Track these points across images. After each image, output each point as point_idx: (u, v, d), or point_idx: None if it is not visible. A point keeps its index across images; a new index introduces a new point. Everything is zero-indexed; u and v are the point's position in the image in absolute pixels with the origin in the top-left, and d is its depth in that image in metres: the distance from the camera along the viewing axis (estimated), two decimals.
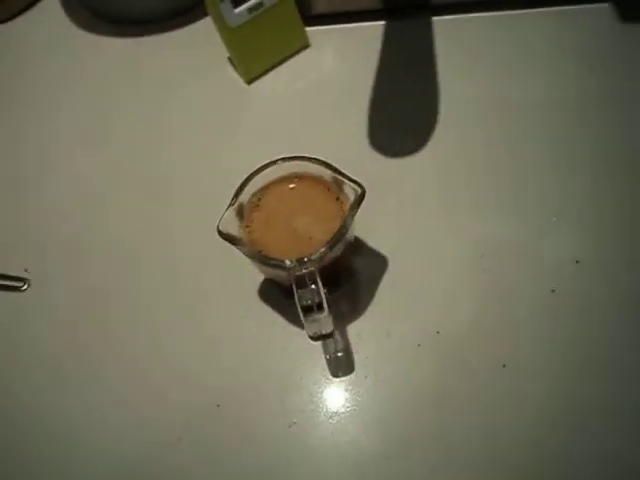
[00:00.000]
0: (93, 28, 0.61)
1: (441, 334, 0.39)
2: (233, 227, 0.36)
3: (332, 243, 0.34)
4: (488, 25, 0.52)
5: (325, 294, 0.34)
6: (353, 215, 0.35)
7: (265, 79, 0.53)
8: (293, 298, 0.34)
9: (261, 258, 0.35)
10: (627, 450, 0.34)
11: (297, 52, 0.54)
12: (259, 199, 0.38)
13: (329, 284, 0.36)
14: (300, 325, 0.40)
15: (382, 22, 0.54)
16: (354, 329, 0.40)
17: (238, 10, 0.49)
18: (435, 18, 0.53)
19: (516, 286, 0.40)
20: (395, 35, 0.53)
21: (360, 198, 0.35)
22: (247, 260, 0.36)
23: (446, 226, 0.43)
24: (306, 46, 0.54)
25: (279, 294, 0.41)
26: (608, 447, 0.34)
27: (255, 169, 0.37)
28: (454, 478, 0.35)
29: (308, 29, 0.54)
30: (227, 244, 0.35)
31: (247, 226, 0.38)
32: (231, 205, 0.36)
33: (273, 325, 0.41)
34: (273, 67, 0.53)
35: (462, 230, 0.42)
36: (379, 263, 0.42)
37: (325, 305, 0.34)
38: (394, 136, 0.48)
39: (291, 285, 0.34)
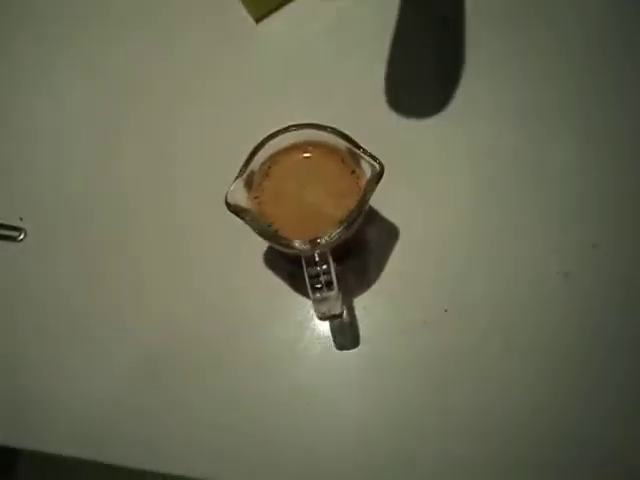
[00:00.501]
0: None
1: (448, 312, 0.38)
2: (241, 198, 0.34)
3: (346, 225, 0.33)
4: None
5: (336, 272, 0.33)
6: (370, 194, 0.33)
7: (275, 17, 0.48)
8: (299, 266, 0.33)
9: (270, 235, 0.33)
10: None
11: None
12: (269, 167, 0.36)
13: (338, 257, 0.35)
14: (305, 294, 0.39)
15: None
16: (361, 302, 0.40)
17: None
18: None
19: (529, 266, 0.39)
20: None
21: (378, 176, 0.33)
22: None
23: (464, 199, 0.41)
24: None
25: (285, 262, 0.40)
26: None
27: (265, 136, 0.35)
28: (455, 448, 0.36)
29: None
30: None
31: (256, 197, 0.36)
32: (239, 176, 0.34)
33: (277, 293, 0.40)
34: (285, 2, 0.48)
35: (480, 204, 0.41)
36: (390, 233, 0.41)
37: (335, 285, 0.33)
38: (415, 94, 0.44)
39: (298, 257, 0.33)
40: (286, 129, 0.35)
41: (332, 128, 0.34)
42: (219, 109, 0.45)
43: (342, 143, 0.34)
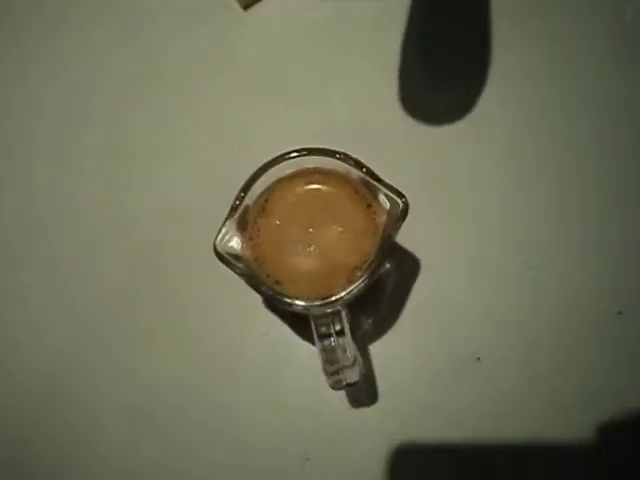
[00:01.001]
0: None
1: (482, 361, 0.33)
2: (234, 243, 0.28)
3: (366, 277, 0.27)
4: None
5: (349, 323, 0.28)
6: (393, 236, 0.27)
7: (266, 3, 0.41)
8: (307, 322, 0.27)
9: (270, 293, 0.27)
10: None
11: None
12: (266, 200, 0.30)
13: (351, 303, 0.29)
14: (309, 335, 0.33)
15: None
16: (376, 347, 0.34)
17: None
18: None
19: (573, 305, 0.33)
20: None
21: (402, 215, 0.27)
22: None
23: (492, 229, 0.35)
24: None
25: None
26: None
27: (260, 166, 0.28)
28: None
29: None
30: None
31: (250, 238, 0.29)
32: (230, 216, 0.28)
33: (280, 339, 0.34)
34: None
35: (510, 236, 0.35)
36: (411, 267, 0.34)
37: (352, 352, 0.28)
38: (432, 98, 0.38)
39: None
40: (285, 156, 0.28)
41: (344, 154, 0.28)
42: (204, 115, 0.38)
43: (356, 173, 0.28)
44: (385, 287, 0.34)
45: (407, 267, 0.34)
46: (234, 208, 0.28)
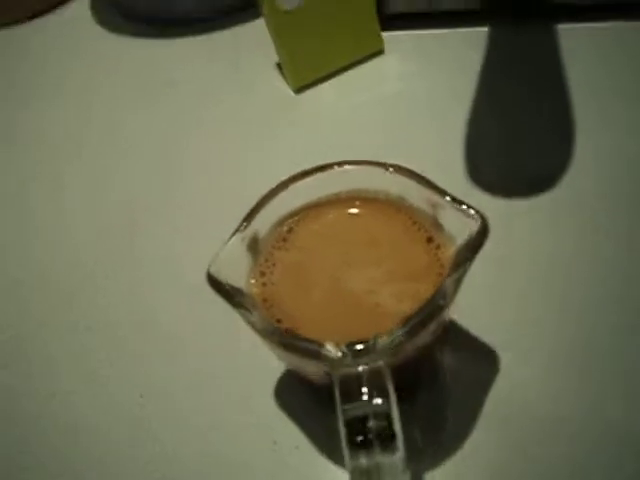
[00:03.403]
0: (122, 30, 0.49)
1: None
2: (237, 273, 0.20)
3: (419, 319, 0.17)
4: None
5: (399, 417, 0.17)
6: (464, 269, 0.18)
7: (319, 88, 0.39)
8: (332, 408, 0.17)
9: (280, 335, 0.18)
10: None
11: (366, 58, 0.39)
12: (289, 230, 0.22)
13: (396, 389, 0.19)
14: (338, 456, 0.22)
15: (482, 28, 0.39)
16: (432, 469, 0.22)
17: None
18: (558, 25, 0.38)
19: None
20: (499, 44, 0.38)
21: (480, 237, 0.18)
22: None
23: (570, 311, 0.25)
24: (379, 51, 0.39)
25: (311, 397, 0.24)
26: None
27: (284, 180, 0.21)
28: None
29: (384, 34, 0.40)
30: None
31: (262, 274, 0.21)
32: (238, 231, 0.20)
33: (294, 452, 0.23)
34: (332, 74, 0.39)
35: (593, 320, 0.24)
36: (479, 361, 0.24)
37: (400, 442, 0.17)
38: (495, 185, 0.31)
39: (331, 388, 0.17)
40: (320, 168, 0.21)
41: (397, 166, 0.21)
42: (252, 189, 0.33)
43: (413, 192, 0.20)
44: (445, 383, 0.24)
45: (475, 359, 0.24)
46: (241, 229, 0.20)
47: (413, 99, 0.36)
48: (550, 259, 0.27)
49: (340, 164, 0.21)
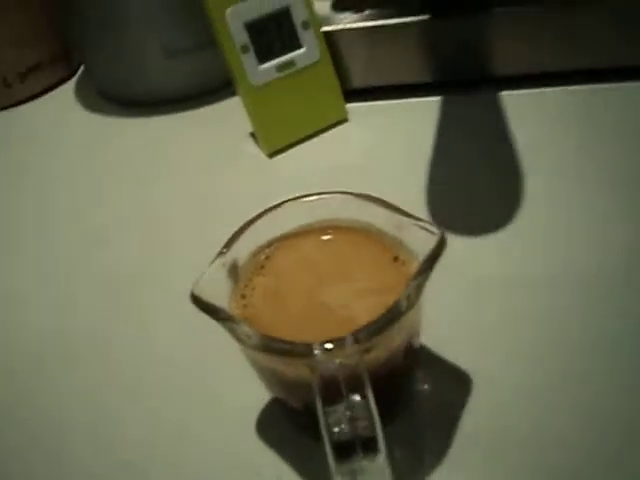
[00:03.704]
0: (106, 112, 0.52)
1: None
2: (219, 296, 0.21)
3: (391, 317, 0.19)
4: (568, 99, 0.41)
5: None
6: (423, 278, 0.20)
7: (291, 154, 0.42)
8: (316, 436, 0.18)
9: (259, 339, 0.19)
10: None
11: (332, 126, 0.43)
12: (267, 258, 0.24)
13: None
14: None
15: (435, 97, 0.44)
16: None
17: (264, 66, 0.40)
18: (506, 93, 0.43)
19: None
20: (451, 112, 0.42)
21: (439, 246, 0.20)
22: (243, 371, 0.21)
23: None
24: (343, 120, 0.43)
25: (293, 427, 0.25)
26: None
27: (264, 209, 0.24)
28: None
29: (347, 105, 0.44)
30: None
31: (243, 296, 0.22)
32: (220, 255, 0.22)
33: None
34: (301, 140, 0.42)
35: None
36: (455, 386, 0.25)
37: (381, 441, 0.18)
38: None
39: (312, 415, 0.18)
40: (295, 199, 0.24)
41: (364, 195, 0.23)
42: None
43: (380, 217, 0.23)
44: (423, 407, 0.25)
45: (451, 384, 0.25)
46: (222, 254, 0.22)
47: (373, 162, 0.39)
48: (519, 284, 0.29)
49: (311, 198, 0.23)
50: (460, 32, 0.42)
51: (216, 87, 0.49)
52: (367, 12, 0.43)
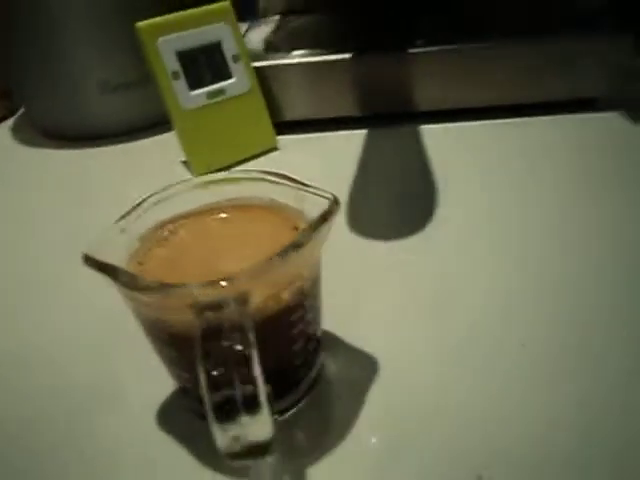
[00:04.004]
0: (44, 147, 0.52)
1: None
2: (114, 259, 0.21)
3: (281, 255, 0.19)
4: (482, 132, 0.44)
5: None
6: (318, 226, 0.21)
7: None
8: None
9: (145, 284, 0.19)
10: None
11: (262, 154, 0.45)
12: (170, 233, 0.24)
13: (276, 389, 0.19)
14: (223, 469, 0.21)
15: (362, 131, 0.46)
16: (316, 474, 0.21)
17: (195, 92, 0.42)
18: (424, 126, 0.46)
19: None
20: (376, 144, 0.45)
21: (329, 208, 0.21)
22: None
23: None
24: (273, 149, 0.45)
25: (199, 419, 0.24)
26: None
27: (169, 185, 0.24)
28: None
29: (279, 137, 0.46)
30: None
31: (140, 263, 0.22)
32: (120, 220, 0.22)
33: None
34: (232, 166, 0.44)
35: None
36: (363, 367, 0.25)
37: (263, 396, 0.17)
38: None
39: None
40: (199, 179, 0.24)
41: (269, 172, 0.24)
42: None
43: (281, 192, 0.24)
44: (328, 390, 0.24)
45: (358, 366, 0.25)
46: (122, 218, 0.22)
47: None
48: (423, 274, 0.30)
49: (218, 174, 0.24)
50: (381, 70, 0.45)
51: (157, 121, 0.50)
52: (296, 53, 0.46)
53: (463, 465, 0.21)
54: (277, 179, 0.24)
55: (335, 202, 0.21)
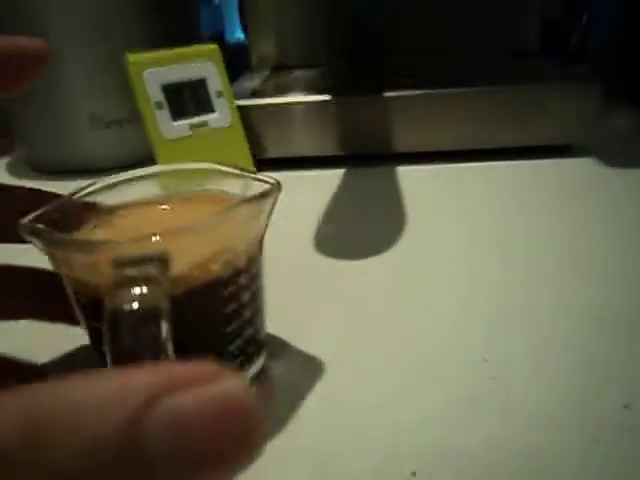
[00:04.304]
0: (33, 178, 0.54)
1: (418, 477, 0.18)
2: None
3: (206, 221, 0.19)
4: (462, 175, 0.45)
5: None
6: (250, 201, 0.20)
7: None
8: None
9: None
10: None
11: None
12: (108, 220, 0.24)
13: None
14: None
15: (340, 170, 0.47)
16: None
17: (178, 123, 0.43)
18: (402, 168, 0.46)
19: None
20: (354, 183, 0.45)
21: (269, 190, 0.21)
22: None
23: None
24: None
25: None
26: None
27: (113, 175, 0.24)
28: None
29: (260, 174, 0.46)
30: None
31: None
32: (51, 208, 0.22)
33: None
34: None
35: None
36: (309, 368, 0.24)
37: (170, 350, 0.16)
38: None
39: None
40: (143, 171, 0.24)
41: (218, 163, 0.24)
42: None
43: (228, 182, 0.24)
44: (275, 384, 0.23)
45: (305, 367, 0.24)
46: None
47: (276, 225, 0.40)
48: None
49: (166, 167, 0.24)
50: (359, 112, 0.47)
51: (149, 157, 0.51)
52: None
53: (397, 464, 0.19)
54: (226, 169, 0.24)
55: (277, 185, 0.21)
